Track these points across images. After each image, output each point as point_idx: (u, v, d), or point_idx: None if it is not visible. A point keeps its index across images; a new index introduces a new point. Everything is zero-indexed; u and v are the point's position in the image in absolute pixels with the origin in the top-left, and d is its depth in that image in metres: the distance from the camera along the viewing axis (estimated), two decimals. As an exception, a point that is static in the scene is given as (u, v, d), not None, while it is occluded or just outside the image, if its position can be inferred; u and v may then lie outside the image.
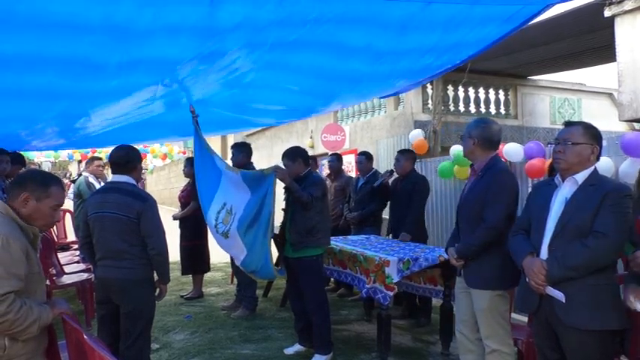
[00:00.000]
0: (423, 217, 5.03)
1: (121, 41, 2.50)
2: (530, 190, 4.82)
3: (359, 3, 2.50)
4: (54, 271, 4.93)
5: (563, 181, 2.29)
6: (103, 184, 5.53)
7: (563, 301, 2.14)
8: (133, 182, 3.04)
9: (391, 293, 3.53)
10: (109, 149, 3.89)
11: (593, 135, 2.24)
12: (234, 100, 3.95)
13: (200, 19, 2.37)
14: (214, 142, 17.61)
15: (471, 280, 2.75)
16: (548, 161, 4.12)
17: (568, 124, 2.33)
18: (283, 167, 3.81)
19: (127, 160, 3.04)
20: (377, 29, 2.87)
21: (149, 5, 2.17)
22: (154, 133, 5.28)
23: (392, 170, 5.16)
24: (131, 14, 2.22)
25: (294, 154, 3.85)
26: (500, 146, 4.96)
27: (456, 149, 5.81)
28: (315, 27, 2.69)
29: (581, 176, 2.22)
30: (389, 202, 5.20)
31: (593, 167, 2.24)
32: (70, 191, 6.07)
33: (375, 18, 2.71)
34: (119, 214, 2.87)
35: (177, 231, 5.74)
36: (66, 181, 15.80)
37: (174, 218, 5.72)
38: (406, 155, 4.99)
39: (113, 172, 3.06)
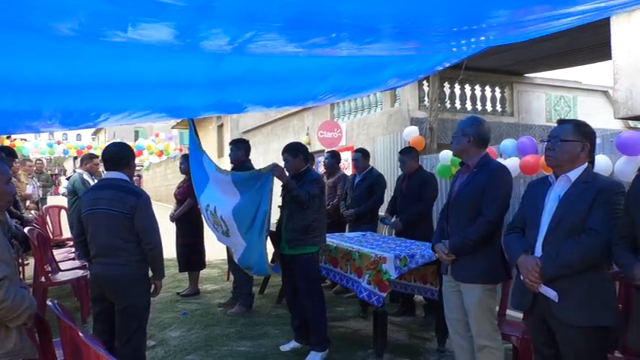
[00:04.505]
0: (431, 217, 4.94)
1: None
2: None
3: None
4: (49, 268, 4.91)
5: (556, 179, 2.30)
6: (97, 180, 5.52)
7: (556, 300, 2.16)
8: (126, 178, 3.04)
9: (384, 294, 3.52)
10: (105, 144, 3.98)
11: (583, 132, 2.25)
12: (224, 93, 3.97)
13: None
14: (211, 139, 17.56)
15: (462, 274, 2.76)
16: (542, 158, 4.14)
17: (560, 122, 2.35)
18: (281, 165, 3.80)
19: (120, 156, 3.05)
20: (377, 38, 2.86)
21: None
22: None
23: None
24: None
25: (296, 150, 3.85)
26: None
27: (448, 153, 5.83)
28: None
29: (574, 174, 2.24)
30: (396, 202, 5.06)
31: (585, 165, 2.26)
32: (64, 185, 6.12)
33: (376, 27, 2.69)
34: (113, 211, 2.87)
35: (174, 228, 5.74)
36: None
37: (172, 219, 5.70)
38: (410, 154, 4.89)
39: (106, 169, 3.07)
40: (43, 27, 2.02)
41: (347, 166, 8.24)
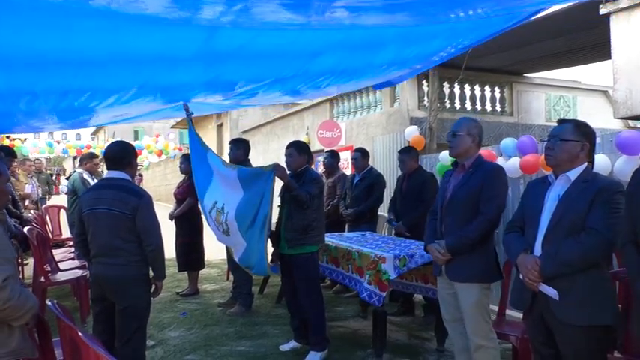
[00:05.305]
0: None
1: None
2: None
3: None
4: (49, 268, 4.91)
5: (556, 179, 2.31)
6: (96, 180, 5.52)
7: (557, 298, 2.16)
8: (128, 178, 3.03)
9: (384, 294, 3.52)
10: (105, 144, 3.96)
11: (583, 132, 2.26)
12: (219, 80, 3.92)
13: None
14: (210, 139, 17.57)
15: (458, 274, 2.76)
16: (542, 157, 4.14)
17: (561, 121, 2.36)
18: (282, 165, 3.79)
19: (122, 156, 3.05)
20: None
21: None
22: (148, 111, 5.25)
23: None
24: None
25: (302, 147, 3.87)
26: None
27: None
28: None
29: (574, 173, 2.25)
30: (396, 203, 5.03)
31: (585, 164, 2.26)
32: (64, 184, 6.16)
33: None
34: (114, 211, 2.87)
35: (173, 228, 5.74)
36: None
37: (171, 218, 5.70)
38: (410, 154, 4.88)
39: (108, 169, 3.06)
40: None
41: (346, 165, 8.24)
